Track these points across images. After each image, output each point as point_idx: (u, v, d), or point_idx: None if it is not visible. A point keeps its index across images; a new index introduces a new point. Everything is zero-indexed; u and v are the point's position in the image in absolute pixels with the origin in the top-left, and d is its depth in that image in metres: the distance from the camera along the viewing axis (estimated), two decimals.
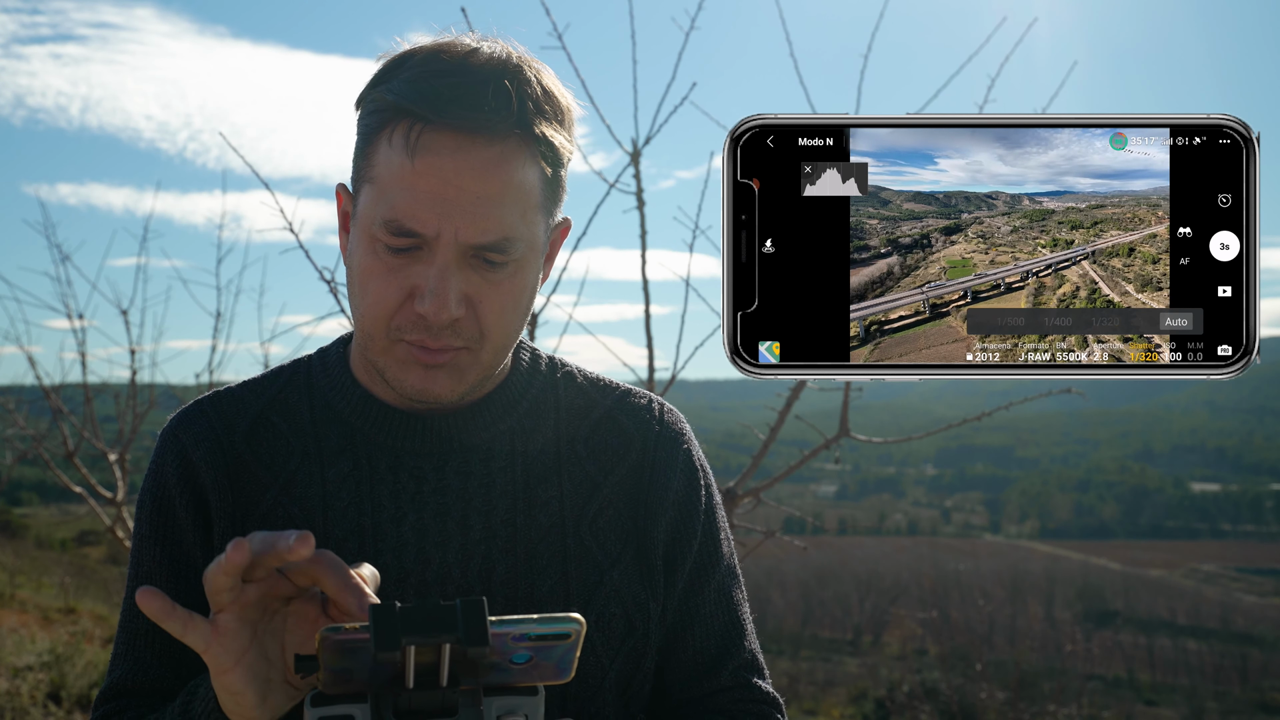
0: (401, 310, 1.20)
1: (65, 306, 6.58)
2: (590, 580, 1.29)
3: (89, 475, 5.93)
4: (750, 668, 1.38)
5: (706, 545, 1.37)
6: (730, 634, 1.37)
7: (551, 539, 1.29)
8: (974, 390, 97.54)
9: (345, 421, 1.31)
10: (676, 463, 1.37)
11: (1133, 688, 31.02)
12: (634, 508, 1.34)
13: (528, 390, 1.36)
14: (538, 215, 1.23)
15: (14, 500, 33.40)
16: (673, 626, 1.35)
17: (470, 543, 1.27)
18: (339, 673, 0.94)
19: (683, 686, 1.36)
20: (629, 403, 1.39)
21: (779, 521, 3.61)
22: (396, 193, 1.17)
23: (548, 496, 1.31)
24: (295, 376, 1.37)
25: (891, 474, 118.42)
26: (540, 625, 0.94)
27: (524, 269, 1.23)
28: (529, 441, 1.33)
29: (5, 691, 8.96)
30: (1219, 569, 63.16)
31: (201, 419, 1.33)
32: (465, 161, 1.16)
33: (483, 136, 1.16)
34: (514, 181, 1.18)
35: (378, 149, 1.20)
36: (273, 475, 1.29)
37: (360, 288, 1.23)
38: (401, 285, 1.20)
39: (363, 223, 1.22)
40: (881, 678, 18.85)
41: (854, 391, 3.34)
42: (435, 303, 1.18)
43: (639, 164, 3.34)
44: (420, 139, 1.16)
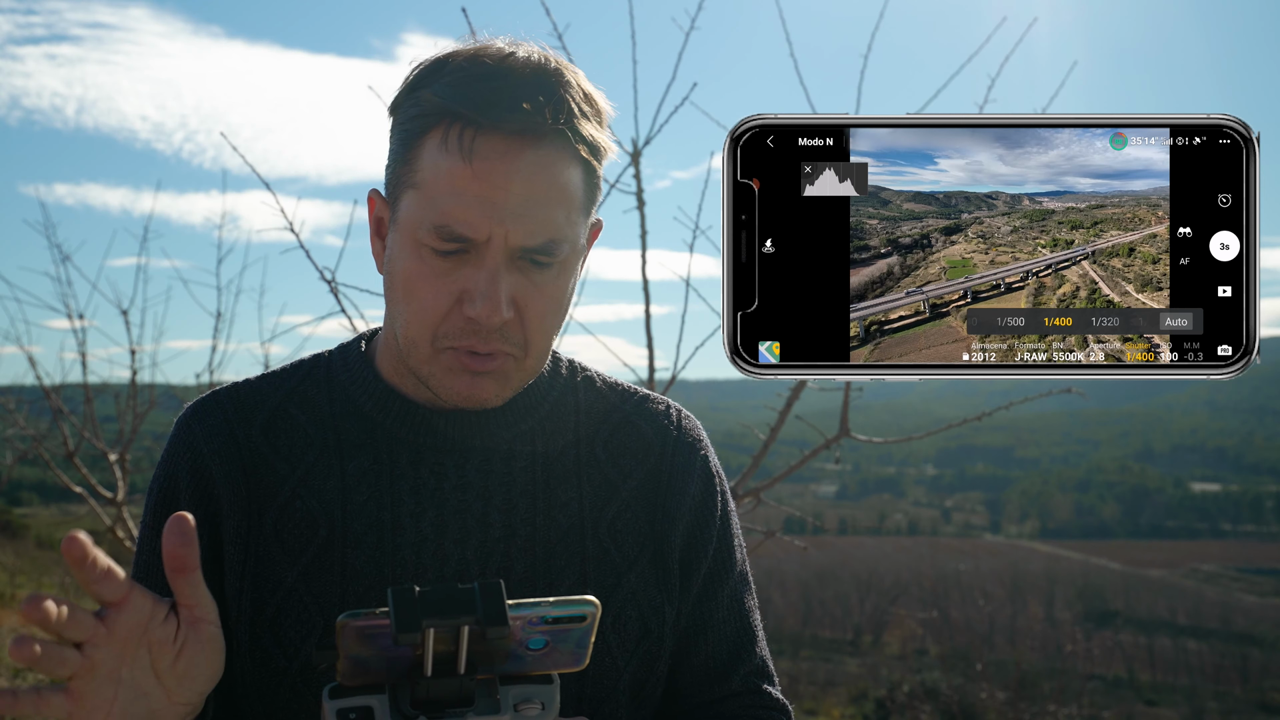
0: (450, 316, 1.20)
1: (65, 306, 6.60)
2: (608, 582, 1.29)
3: (89, 475, 5.93)
4: (761, 674, 1.39)
5: (721, 552, 1.38)
6: (742, 640, 1.38)
7: (570, 540, 1.29)
8: (974, 390, 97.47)
9: (366, 415, 1.30)
10: (694, 469, 1.37)
11: (1133, 688, 31.02)
12: (651, 511, 1.34)
13: (549, 393, 1.36)
14: (580, 216, 1.23)
15: (14, 500, 33.39)
16: (686, 631, 1.35)
17: (490, 540, 1.27)
18: (357, 661, 0.95)
19: (694, 691, 1.36)
20: (647, 408, 1.40)
21: (779, 521, 3.61)
22: (446, 198, 1.16)
23: (567, 498, 1.31)
24: (315, 370, 1.36)
25: (891, 474, 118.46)
26: (556, 608, 0.95)
27: (567, 270, 1.23)
28: (549, 443, 1.33)
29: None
30: (1219, 569, 63.17)
31: (217, 410, 1.32)
32: (515, 164, 1.16)
33: (531, 138, 1.16)
34: (559, 183, 1.18)
35: (421, 153, 1.19)
36: (290, 467, 1.28)
37: (405, 293, 1.21)
38: (450, 290, 1.19)
39: (406, 228, 1.20)
40: (882, 678, 18.85)
41: (854, 391, 3.34)
42: (487, 306, 1.17)
43: (639, 164, 3.34)
44: (474, 143, 1.15)
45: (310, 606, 1.23)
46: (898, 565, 49.43)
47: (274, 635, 1.23)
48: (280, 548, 1.25)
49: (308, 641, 1.22)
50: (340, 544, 1.25)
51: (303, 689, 1.22)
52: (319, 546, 1.25)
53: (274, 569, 1.24)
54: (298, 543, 1.25)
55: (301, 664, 1.22)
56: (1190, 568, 63.58)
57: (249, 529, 1.26)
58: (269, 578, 1.24)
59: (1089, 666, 22.33)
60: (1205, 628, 41.75)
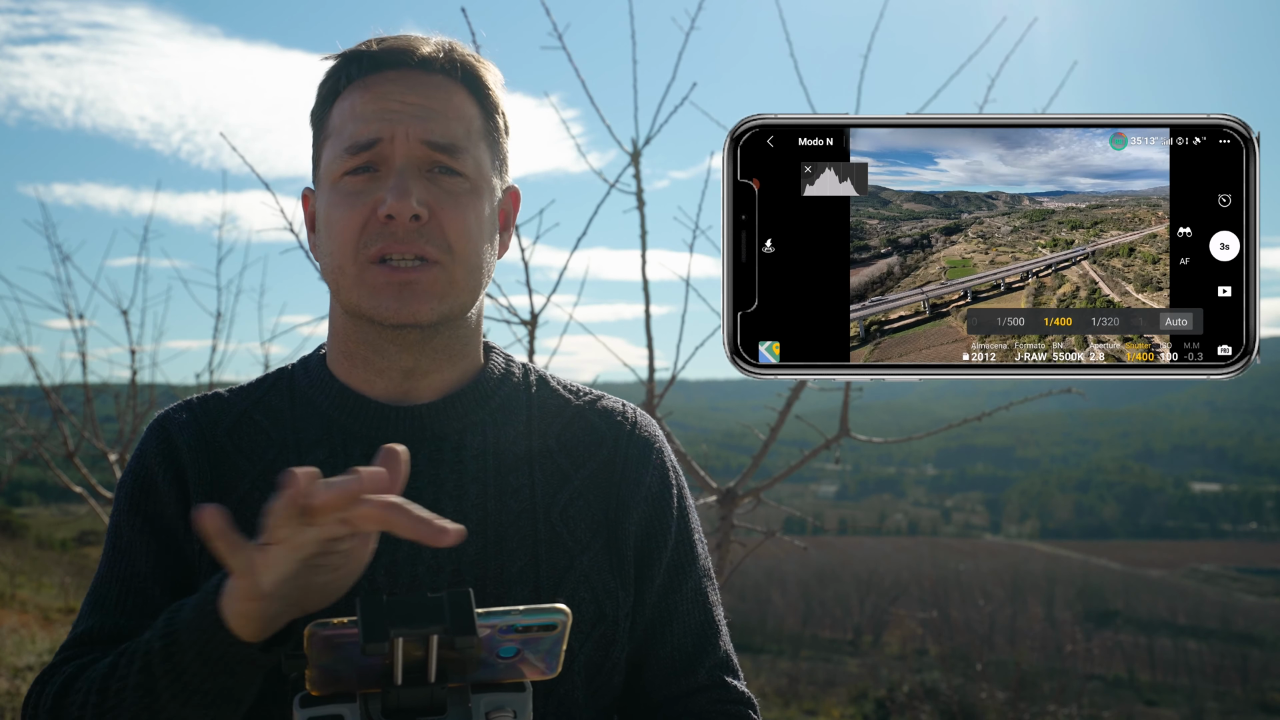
0: (367, 226, 1.27)
1: (65, 306, 6.59)
2: (560, 564, 1.31)
3: (89, 475, 5.93)
4: (725, 667, 1.41)
5: (682, 544, 1.41)
6: (706, 632, 1.40)
7: (522, 524, 1.32)
8: (974, 390, 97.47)
9: (323, 414, 1.35)
10: (649, 461, 1.41)
11: (1133, 688, 31.02)
12: (605, 500, 1.37)
13: (500, 388, 1.40)
14: (481, 142, 1.32)
15: (14, 500, 33.41)
16: (650, 624, 1.38)
17: None
18: (327, 670, 0.94)
19: (660, 685, 1.38)
20: (601, 406, 1.44)
21: (779, 521, 3.61)
22: (350, 123, 1.28)
23: (519, 484, 1.34)
24: (279, 381, 1.41)
25: (891, 474, 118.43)
26: (526, 616, 0.95)
27: (479, 194, 1.31)
28: (500, 434, 1.36)
29: (5, 691, 8.96)
30: (1219, 569, 63.16)
31: (187, 412, 1.37)
32: (408, 84, 1.29)
33: (420, 69, 1.30)
34: (455, 103, 1.30)
35: (332, 111, 1.32)
36: (251, 464, 1.33)
37: (327, 228, 1.30)
38: (364, 204, 1.27)
39: (325, 176, 1.30)
40: (882, 678, 18.84)
41: (854, 391, 3.34)
42: (396, 197, 1.24)
43: (639, 164, 3.34)
44: (366, 79, 1.29)
45: None
46: (898, 565, 49.41)
47: None
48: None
49: None
50: None
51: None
52: None
53: None
54: (252, 532, 1.26)
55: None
56: (1190, 568, 63.57)
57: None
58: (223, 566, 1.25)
59: (1089, 666, 22.34)
60: (1205, 628, 41.74)
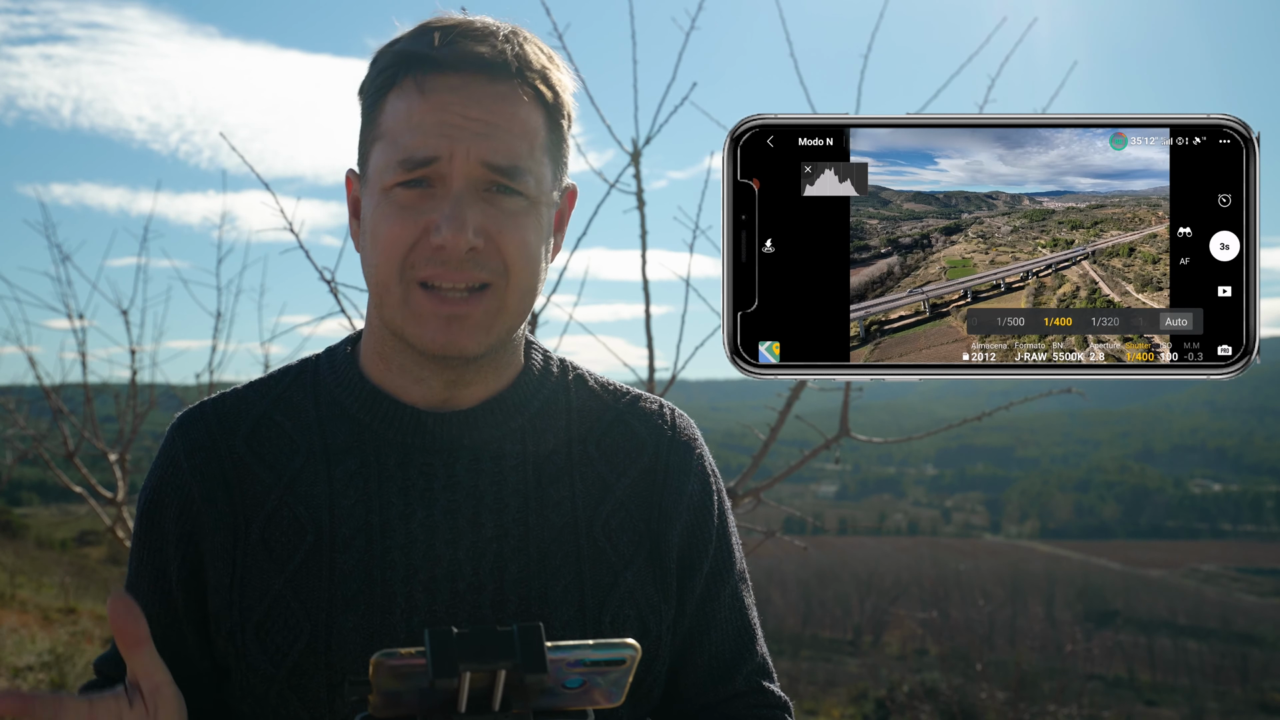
0: (417, 247, 1.18)
1: (65, 306, 6.58)
2: (604, 581, 1.27)
3: (89, 475, 5.92)
4: (762, 672, 1.39)
5: (721, 551, 1.37)
6: (744, 638, 1.38)
7: (564, 539, 1.27)
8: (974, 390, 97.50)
9: (353, 418, 1.28)
10: (690, 468, 1.36)
11: (1133, 688, 31.02)
12: (647, 510, 1.32)
13: (539, 391, 1.33)
14: (544, 157, 1.21)
15: (14, 500, 33.39)
16: (690, 631, 1.35)
17: (481, 540, 1.25)
18: (390, 695, 0.94)
19: (699, 691, 1.36)
20: (640, 407, 1.38)
21: (779, 521, 3.61)
22: (406, 133, 1.17)
23: (560, 496, 1.28)
24: (302, 375, 1.34)
25: (891, 474, 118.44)
26: (596, 651, 0.93)
27: (538, 210, 1.21)
28: (540, 441, 1.31)
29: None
30: (1219, 569, 63.18)
31: (201, 423, 1.31)
32: (472, 95, 1.17)
33: (485, 75, 1.17)
34: (519, 116, 1.19)
35: (384, 108, 1.20)
36: (276, 476, 1.27)
37: (373, 240, 1.20)
38: (415, 222, 1.17)
39: (375, 180, 1.20)
40: (881, 678, 18.84)
41: (854, 391, 3.34)
42: (452, 228, 1.15)
43: (639, 164, 3.34)
44: (426, 80, 1.17)
45: (297, 612, 1.22)
46: (898, 565, 49.42)
47: (259, 641, 1.22)
48: (268, 556, 1.24)
49: (294, 646, 1.21)
50: (328, 548, 1.23)
51: (290, 695, 1.21)
52: (306, 552, 1.24)
53: (261, 577, 1.24)
54: (285, 550, 1.24)
55: (289, 669, 1.21)
56: (1190, 568, 63.59)
57: (235, 543, 1.25)
58: (256, 586, 1.24)
59: (1089, 666, 22.31)
60: (1205, 628, 41.74)
